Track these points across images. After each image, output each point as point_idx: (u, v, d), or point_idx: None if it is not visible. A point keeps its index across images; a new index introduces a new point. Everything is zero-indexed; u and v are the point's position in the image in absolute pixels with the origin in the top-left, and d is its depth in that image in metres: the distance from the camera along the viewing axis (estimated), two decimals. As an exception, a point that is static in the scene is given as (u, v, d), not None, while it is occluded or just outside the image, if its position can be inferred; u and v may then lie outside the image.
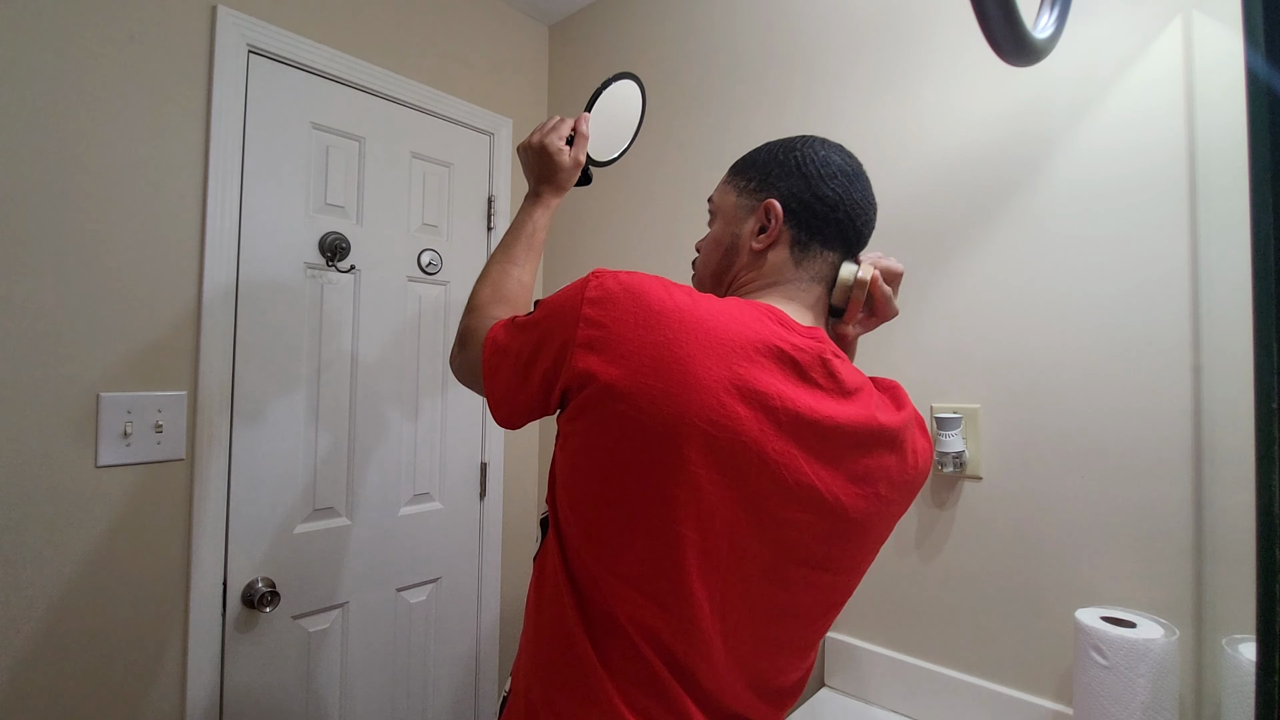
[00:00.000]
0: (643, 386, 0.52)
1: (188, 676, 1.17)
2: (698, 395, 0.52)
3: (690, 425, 0.52)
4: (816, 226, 0.65)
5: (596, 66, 1.76)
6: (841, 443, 0.58)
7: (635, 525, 0.55)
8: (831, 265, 0.67)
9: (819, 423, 0.56)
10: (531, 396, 0.62)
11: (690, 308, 0.55)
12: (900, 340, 1.16)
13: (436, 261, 1.58)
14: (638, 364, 0.53)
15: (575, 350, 0.55)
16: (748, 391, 0.53)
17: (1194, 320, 0.88)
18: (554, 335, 0.58)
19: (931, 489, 1.12)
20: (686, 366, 0.52)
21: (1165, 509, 0.90)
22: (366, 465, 1.45)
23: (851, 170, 0.67)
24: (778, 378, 0.55)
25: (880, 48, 1.21)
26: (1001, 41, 0.63)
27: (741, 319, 0.56)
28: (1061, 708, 0.96)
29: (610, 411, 0.53)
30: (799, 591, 0.62)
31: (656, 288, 0.56)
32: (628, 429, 0.53)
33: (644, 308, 0.54)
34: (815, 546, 0.59)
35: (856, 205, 0.66)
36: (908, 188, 1.16)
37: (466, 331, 0.76)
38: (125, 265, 1.12)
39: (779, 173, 0.68)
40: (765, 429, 0.54)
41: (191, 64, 1.20)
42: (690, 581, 0.55)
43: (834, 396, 0.58)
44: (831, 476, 0.58)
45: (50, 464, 1.04)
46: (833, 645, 1.21)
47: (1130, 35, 0.94)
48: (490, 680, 1.69)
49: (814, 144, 0.68)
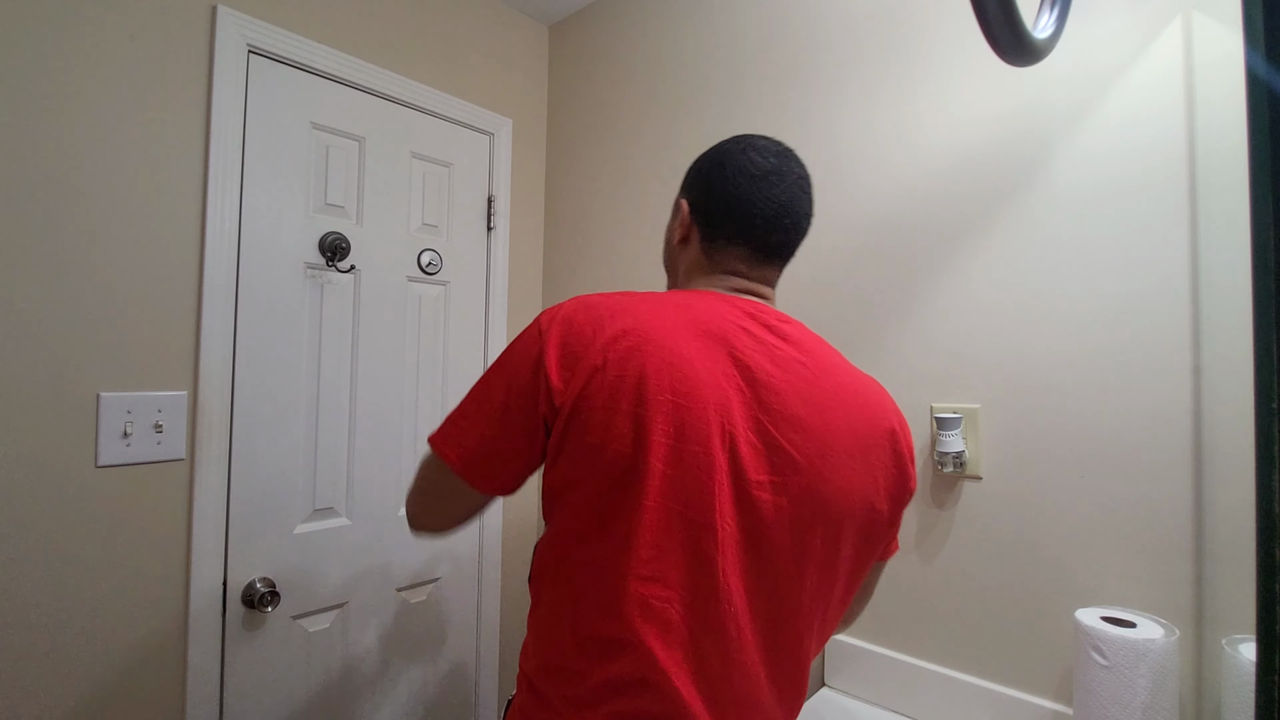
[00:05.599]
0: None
1: (188, 676, 1.17)
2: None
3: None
4: (718, 223, 0.72)
5: (596, 66, 1.76)
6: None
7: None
8: (742, 259, 0.72)
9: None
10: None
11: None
12: (900, 340, 1.16)
13: (436, 261, 1.58)
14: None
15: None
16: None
17: (1194, 320, 0.88)
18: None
19: (931, 489, 1.12)
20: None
21: (1165, 509, 0.90)
22: (366, 465, 1.45)
23: (760, 172, 0.70)
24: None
25: (881, 47, 1.21)
26: (1001, 41, 0.63)
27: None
28: (1061, 708, 0.96)
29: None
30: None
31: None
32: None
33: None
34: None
35: (755, 204, 0.70)
36: (908, 188, 1.16)
37: (413, 489, 0.75)
38: (125, 265, 1.12)
39: (698, 171, 0.75)
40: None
41: (191, 64, 1.20)
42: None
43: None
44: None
45: (50, 464, 1.04)
46: (833, 645, 1.21)
47: (1130, 35, 0.94)
48: (490, 680, 1.69)
49: (737, 145, 0.73)
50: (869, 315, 1.20)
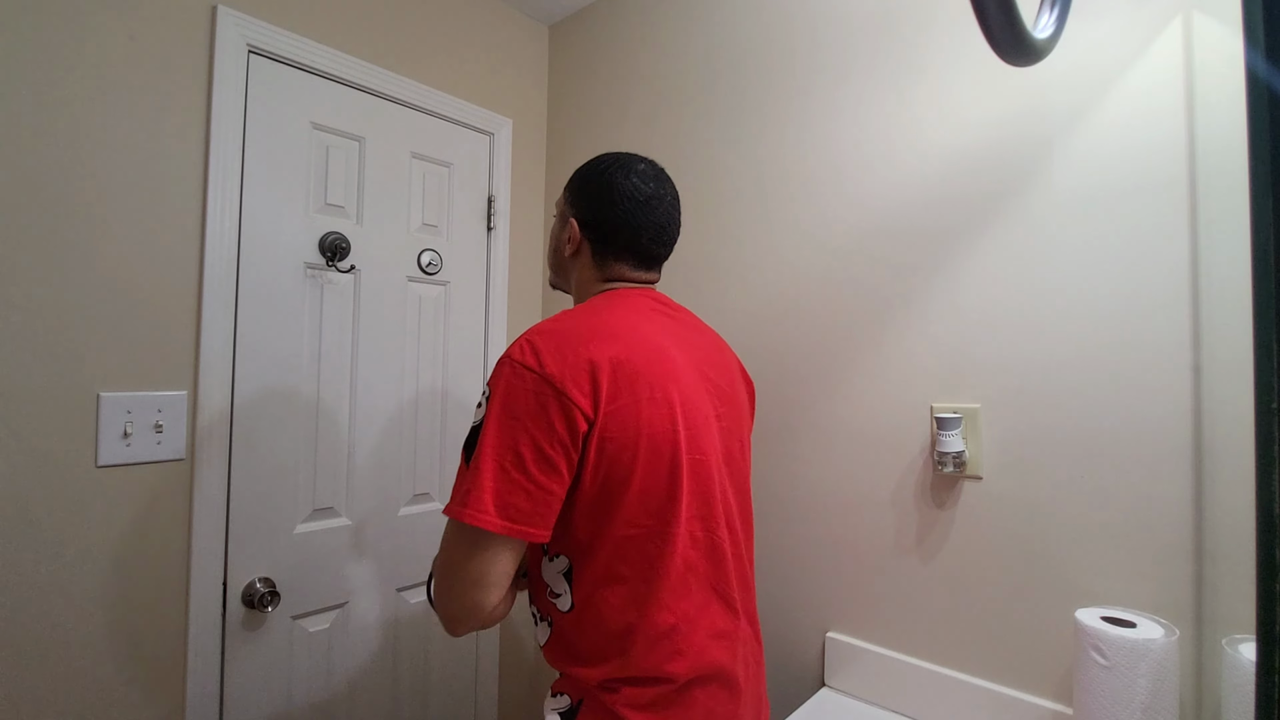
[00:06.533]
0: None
1: (188, 676, 1.17)
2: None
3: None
4: (608, 241, 0.84)
5: (596, 66, 1.76)
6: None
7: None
8: (630, 267, 0.85)
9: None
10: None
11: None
12: (900, 340, 1.16)
13: (436, 261, 1.58)
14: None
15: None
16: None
17: (1194, 320, 0.88)
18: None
19: (931, 489, 1.12)
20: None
21: (1165, 509, 0.90)
22: (366, 465, 1.45)
23: (643, 197, 0.83)
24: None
25: (881, 47, 1.21)
26: (1001, 41, 0.63)
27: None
28: (1061, 708, 0.96)
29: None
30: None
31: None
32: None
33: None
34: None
35: (641, 227, 0.83)
36: (908, 188, 1.16)
37: (438, 582, 0.73)
38: (125, 265, 1.12)
39: (585, 193, 0.85)
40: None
41: (192, 64, 1.20)
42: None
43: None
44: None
45: (50, 464, 1.04)
46: (833, 645, 1.21)
47: (1130, 35, 0.94)
48: (490, 680, 1.69)
49: (620, 171, 0.84)
50: (869, 315, 1.20)
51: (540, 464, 0.66)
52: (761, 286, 1.36)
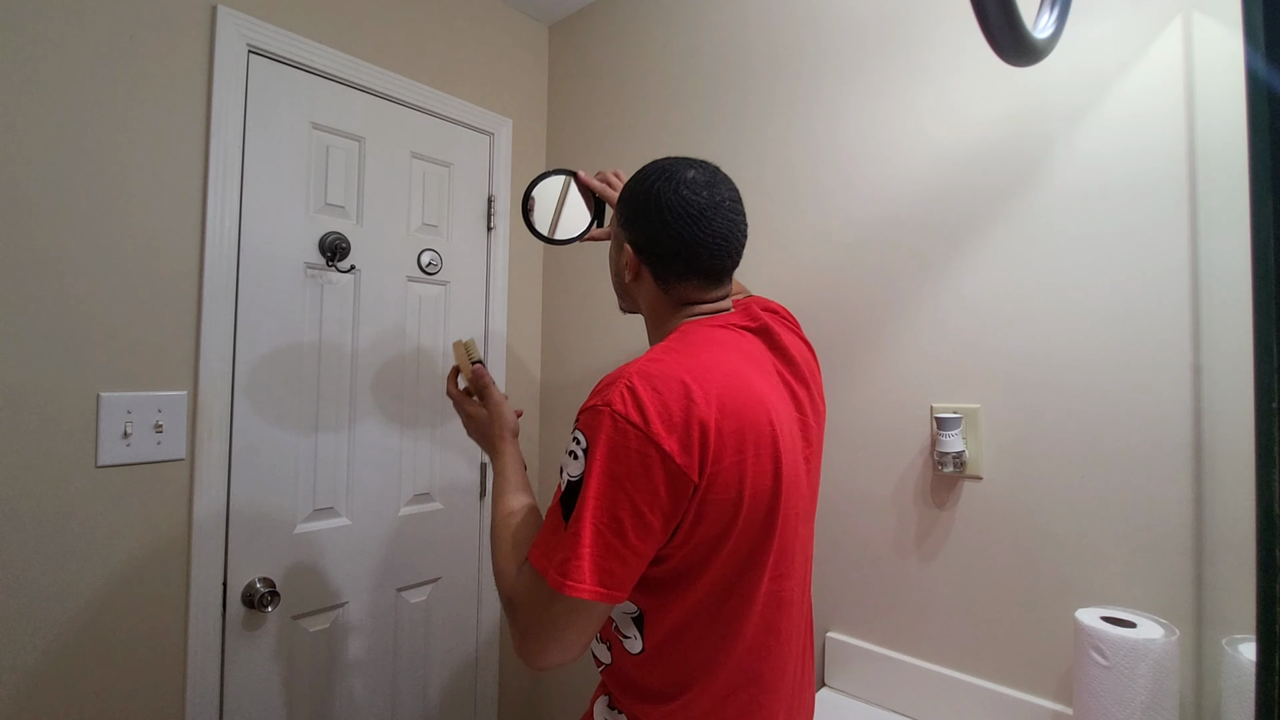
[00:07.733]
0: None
1: (188, 676, 1.17)
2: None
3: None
4: (666, 263, 0.76)
5: (596, 66, 1.76)
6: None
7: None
8: (697, 288, 0.77)
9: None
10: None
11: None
12: (900, 339, 1.16)
13: (436, 261, 1.58)
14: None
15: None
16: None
17: (1194, 320, 0.88)
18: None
19: (931, 489, 1.12)
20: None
21: (1165, 509, 0.90)
22: (366, 465, 1.45)
23: (697, 210, 0.73)
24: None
25: (882, 47, 1.21)
26: (1001, 41, 0.63)
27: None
28: (1061, 708, 0.96)
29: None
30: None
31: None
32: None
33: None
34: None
35: (699, 243, 0.74)
36: (908, 188, 1.16)
37: (522, 641, 0.68)
38: (126, 265, 1.12)
39: (634, 213, 0.77)
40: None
41: (192, 64, 1.20)
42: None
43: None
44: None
45: (50, 464, 1.04)
46: (833, 645, 1.21)
47: (1130, 35, 0.94)
48: (490, 680, 1.69)
49: (668, 184, 0.75)
50: (869, 314, 1.20)
51: (639, 530, 0.62)
52: (761, 286, 1.36)
